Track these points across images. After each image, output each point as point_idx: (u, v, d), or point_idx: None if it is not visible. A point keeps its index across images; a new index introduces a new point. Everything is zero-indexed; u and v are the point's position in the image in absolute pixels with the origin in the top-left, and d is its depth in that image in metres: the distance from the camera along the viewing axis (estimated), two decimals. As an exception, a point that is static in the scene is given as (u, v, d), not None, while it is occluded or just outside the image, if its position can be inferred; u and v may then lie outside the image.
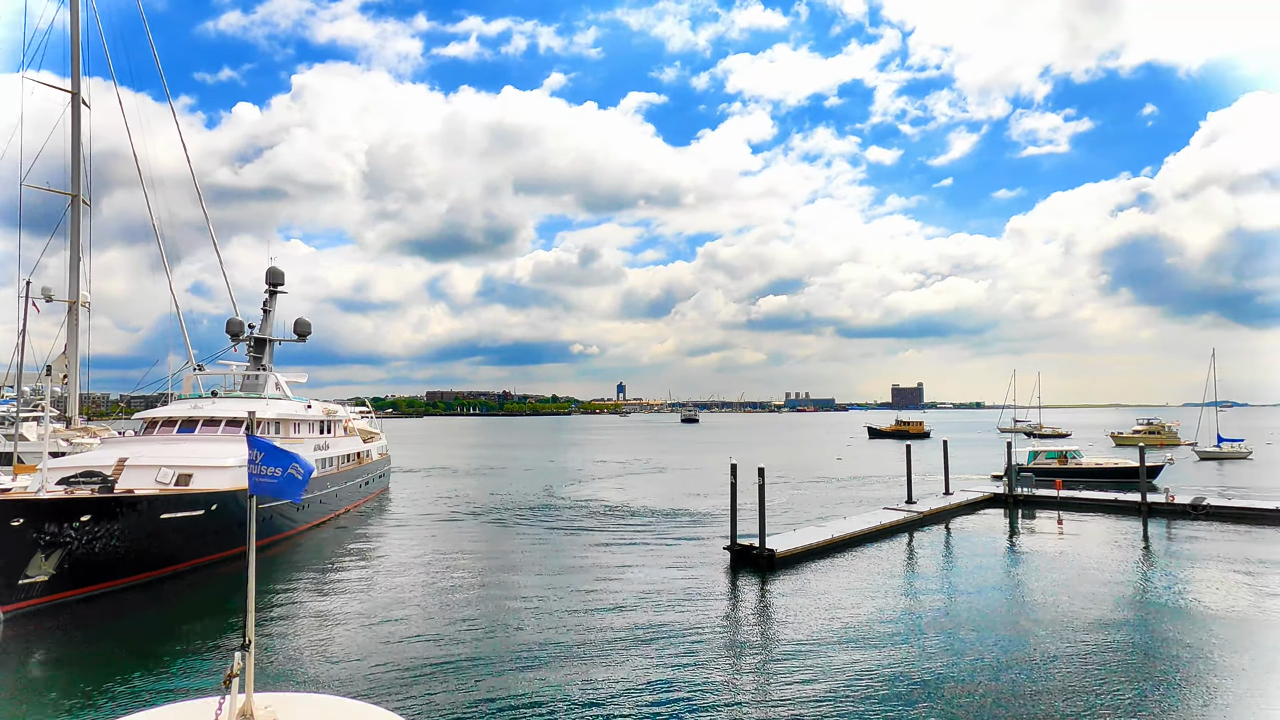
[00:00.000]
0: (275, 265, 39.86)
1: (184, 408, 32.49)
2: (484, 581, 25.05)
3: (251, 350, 38.30)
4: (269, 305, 39.40)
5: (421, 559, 28.95)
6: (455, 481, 59.14)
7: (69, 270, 59.65)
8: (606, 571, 26.17)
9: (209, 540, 25.87)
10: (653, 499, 46.39)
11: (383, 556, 29.78)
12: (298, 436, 34.71)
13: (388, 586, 24.52)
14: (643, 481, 58.71)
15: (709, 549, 29.75)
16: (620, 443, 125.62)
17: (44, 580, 20.66)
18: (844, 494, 48.61)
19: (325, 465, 38.02)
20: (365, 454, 46.49)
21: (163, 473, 26.14)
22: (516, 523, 37.38)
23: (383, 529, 36.42)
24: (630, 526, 35.77)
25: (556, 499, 46.76)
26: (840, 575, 25.45)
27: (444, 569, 27.07)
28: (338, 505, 38.85)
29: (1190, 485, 49.94)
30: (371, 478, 47.12)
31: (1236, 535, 32.57)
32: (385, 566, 27.84)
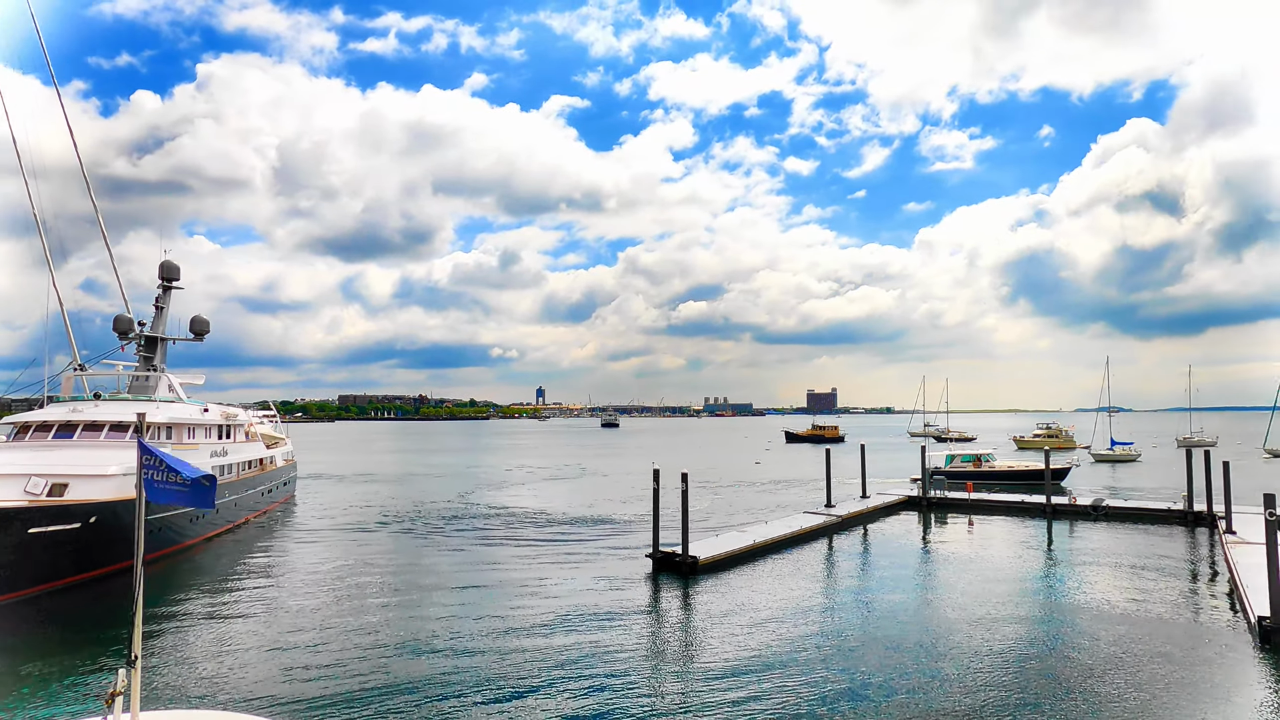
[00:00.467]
0: (170, 259, 37.24)
1: (61, 411, 29.80)
2: (392, 595, 23.75)
3: (142, 350, 35.59)
4: (162, 302, 36.74)
5: (325, 572, 27.33)
6: (366, 489, 56.83)
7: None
8: (524, 583, 25.21)
9: (87, 556, 23.68)
10: (573, 505, 45.50)
11: (283, 569, 28.02)
12: (192, 442, 32.40)
13: (288, 601, 22.99)
14: (563, 487, 57.72)
15: (631, 557, 29.11)
16: (540, 448, 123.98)
17: (-114, 605, 18.35)
18: (765, 498, 48.80)
19: (224, 473, 35.71)
20: (268, 460, 44.03)
21: (33, 482, 23.80)
22: (429, 532, 35.92)
23: (285, 540, 34.39)
24: (550, 535, 34.83)
25: (472, 507, 45.35)
26: (762, 582, 25.19)
27: (349, 582, 25.59)
28: (237, 515, 36.53)
29: (1089, 487, 52.20)
30: (275, 485, 44.66)
31: (1131, 534, 33.95)
32: (286, 580, 26.18)
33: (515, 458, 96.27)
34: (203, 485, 7.87)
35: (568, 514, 41.36)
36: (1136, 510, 38.80)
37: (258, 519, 39.39)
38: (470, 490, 54.75)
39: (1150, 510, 38.37)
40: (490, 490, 55.07)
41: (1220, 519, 33.58)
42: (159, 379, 35.06)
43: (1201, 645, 18.32)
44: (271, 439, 47.36)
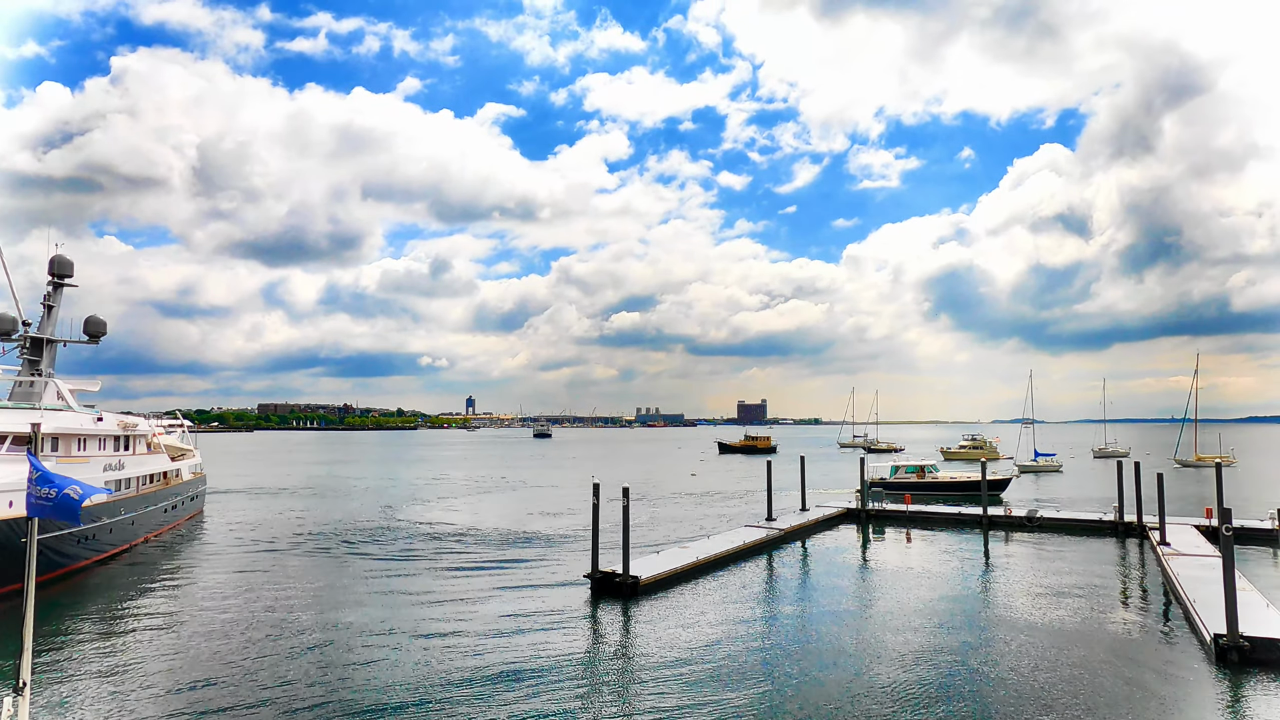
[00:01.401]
0: (62, 254, 33.95)
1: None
2: (307, 620, 21.68)
3: (26, 352, 32.20)
4: (52, 300, 33.39)
5: (234, 594, 25.08)
6: (282, 503, 53.49)
7: None
8: (454, 607, 23.33)
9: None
10: (505, 521, 43.51)
11: (186, 591, 25.71)
12: (82, 455, 29.34)
13: (189, 626, 21.06)
14: (494, 501, 55.52)
15: (568, 577, 27.47)
16: (469, 459, 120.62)
17: None
18: (702, 510, 47.74)
19: (122, 487, 32.63)
20: (173, 474, 40.75)
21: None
22: (350, 551, 33.51)
23: (191, 559, 31.56)
24: (480, 555, 32.86)
25: (397, 523, 42.88)
26: (705, 602, 23.93)
27: (260, 606, 23.43)
28: (134, 535, 33.40)
29: (1020, 498, 52.84)
30: (181, 500, 41.35)
31: (1066, 546, 34.02)
32: (188, 603, 23.97)
33: (443, 469, 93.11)
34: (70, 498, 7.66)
35: (499, 531, 39.39)
36: (1070, 521, 39.11)
37: (159, 538, 36.22)
38: (393, 505, 52.05)
39: (1084, 521, 38.71)
40: (415, 505, 52.48)
41: (1152, 529, 33.94)
42: (46, 384, 31.76)
43: (1156, 663, 17.83)
44: (178, 451, 43.91)
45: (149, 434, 38.61)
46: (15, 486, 23.82)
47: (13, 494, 23.58)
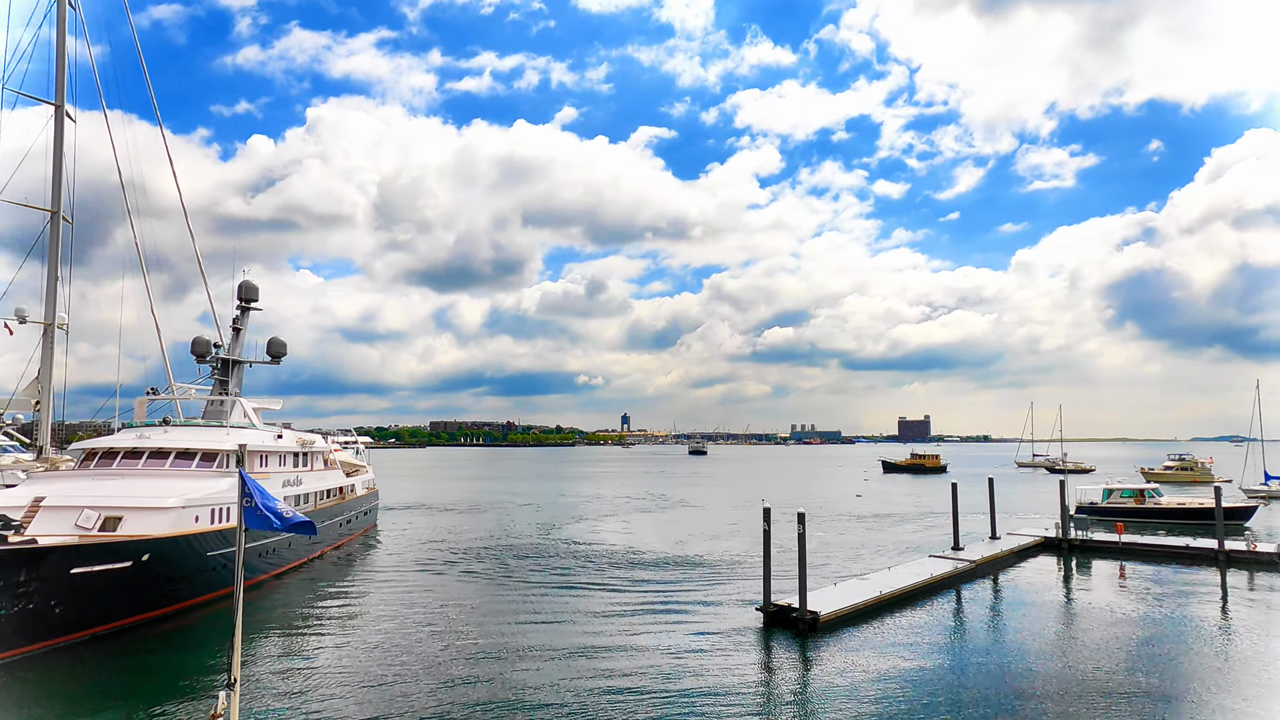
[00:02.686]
0: (248, 280, 35.99)
1: (128, 438, 28.30)
2: (472, 640, 21.17)
3: (217, 373, 34.20)
4: (240, 323, 35.41)
5: (403, 609, 25.22)
6: (450, 520, 54.58)
7: (45, 290, 56.18)
8: (615, 636, 21.74)
9: (136, 598, 21.55)
10: (665, 542, 41.86)
11: (359, 606, 25.99)
12: (263, 470, 30.48)
13: (364, 638, 21.59)
14: (652, 521, 54.10)
15: (737, 608, 25.28)
16: (627, 476, 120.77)
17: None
18: (876, 537, 44.03)
19: (300, 502, 33.79)
20: (348, 489, 42.21)
21: (85, 515, 21.90)
22: (509, 571, 32.91)
23: (363, 574, 32.07)
24: (641, 577, 31.27)
25: (556, 542, 42.22)
26: (891, 644, 21.03)
27: (428, 622, 23.37)
28: (312, 549, 34.50)
29: (1263, 527, 45.26)
30: (354, 515, 42.77)
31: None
32: (362, 617, 24.29)
33: (602, 487, 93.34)
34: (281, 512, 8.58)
35: (658, 554, 37.73)
36: (1337, 560, 32.52)
37: (335, 551, 37.35)
38: (553, 523, 51.74)
39: (1355, 561, 32.06)
40: (574, 524, 51.95)
41: None
42: (233, 403, 33.51)
43: None
44: (352, 467, 45.67)
45: (325, 451, 40.15)
46: (202, 501, 24.71)
47: (198, 509, 24.44)
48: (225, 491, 26.25)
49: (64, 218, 55.69)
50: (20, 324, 52.86)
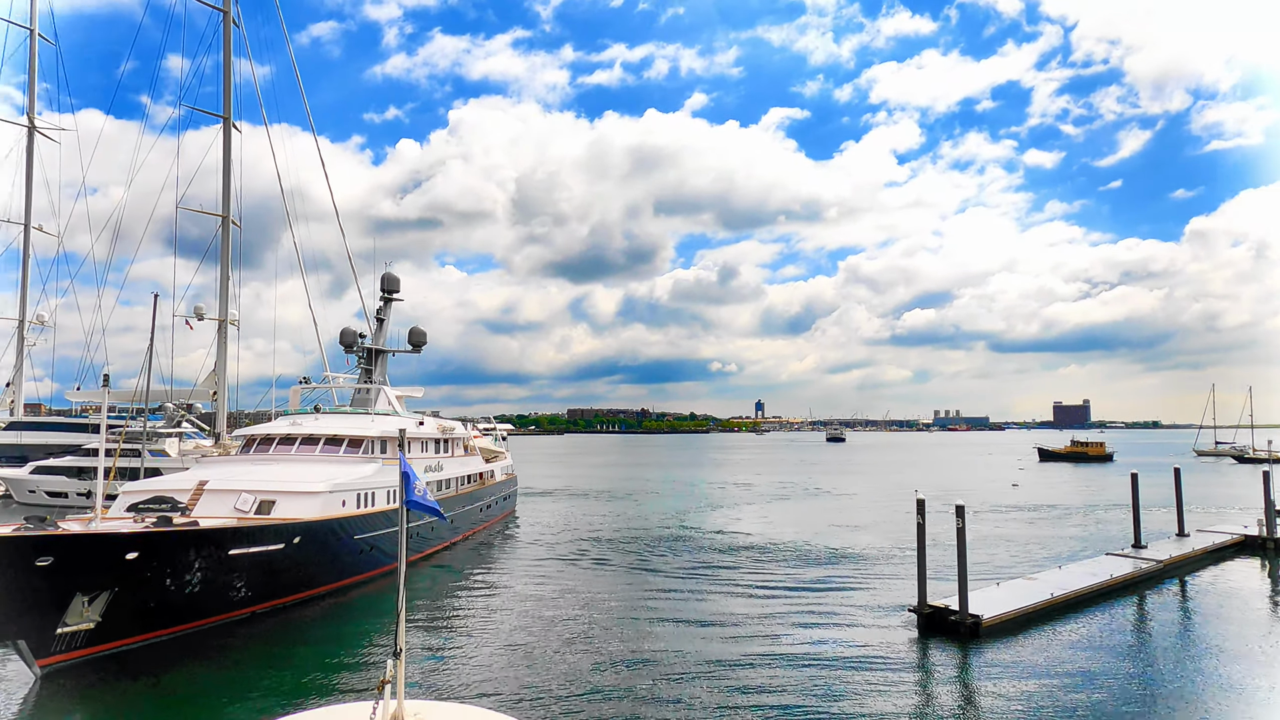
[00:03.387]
0: (390, 272, 37.13)
1: (282, 425, 29.73)
2: (607, 630, 20.85)
3: (363, 362, 35.51)
4: (383, 314, 36.60)
5: (540, 595, 25.39)
6: (587, 506, 54.90)
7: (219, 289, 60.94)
8: (754, 636, 20.51)
9: (287, 580, 22.36)
10: (804, 533, 40.10)
11: (499, 589, 26.45)
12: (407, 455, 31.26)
13: (505, 619, 22.30)
14: (790, 510, 52.27)
15: (887, 608, 23.45)
16: (762, 463, 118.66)
17: (88, 629, 17.47)
18: (1038, 531, 40.43)
19: (440, 488, 34.55)
20: (487, 475, 43.04)
21: (242, 499, 22.95)
22: (647, 561, 32.26)
23: (502, 559, 32.46)
24: (780, 571, 29.83)
25: (694, 532, 41.30)
26: (1068, 654, 18.68)
27: (564, 610, 23.22)
28: (454, 532, 35.25)
29: None
30: (494, 501, 43.60)
31: None
32: (502, 599, 24.82)
33: (735, 474, 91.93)
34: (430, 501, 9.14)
35: (798, 545, 36.06)
36: None
37: (475, 535, 38.10)
38: (689, 512, 50.91)
39: None
40: (710, 512, 50.93)
41: None
42: (378, 391, 34.67)
43: None
44: (491, 453, 46.64)
45: (465, 438, 41.05)
46: (348, 486, 25.45)
47: (344, 494, 25.18)
48: (370, 477, 27.00)
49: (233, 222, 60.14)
50: (199, 321, 57.36)
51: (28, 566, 15.77)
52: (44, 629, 16.67)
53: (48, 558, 15.96)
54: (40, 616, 16.51)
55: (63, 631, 17.00)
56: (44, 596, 16.35)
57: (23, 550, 15.69)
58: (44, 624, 16.64)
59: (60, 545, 16.14)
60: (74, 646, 17.33)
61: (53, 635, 16.84)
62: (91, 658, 17.75)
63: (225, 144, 60.85)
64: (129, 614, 18.20)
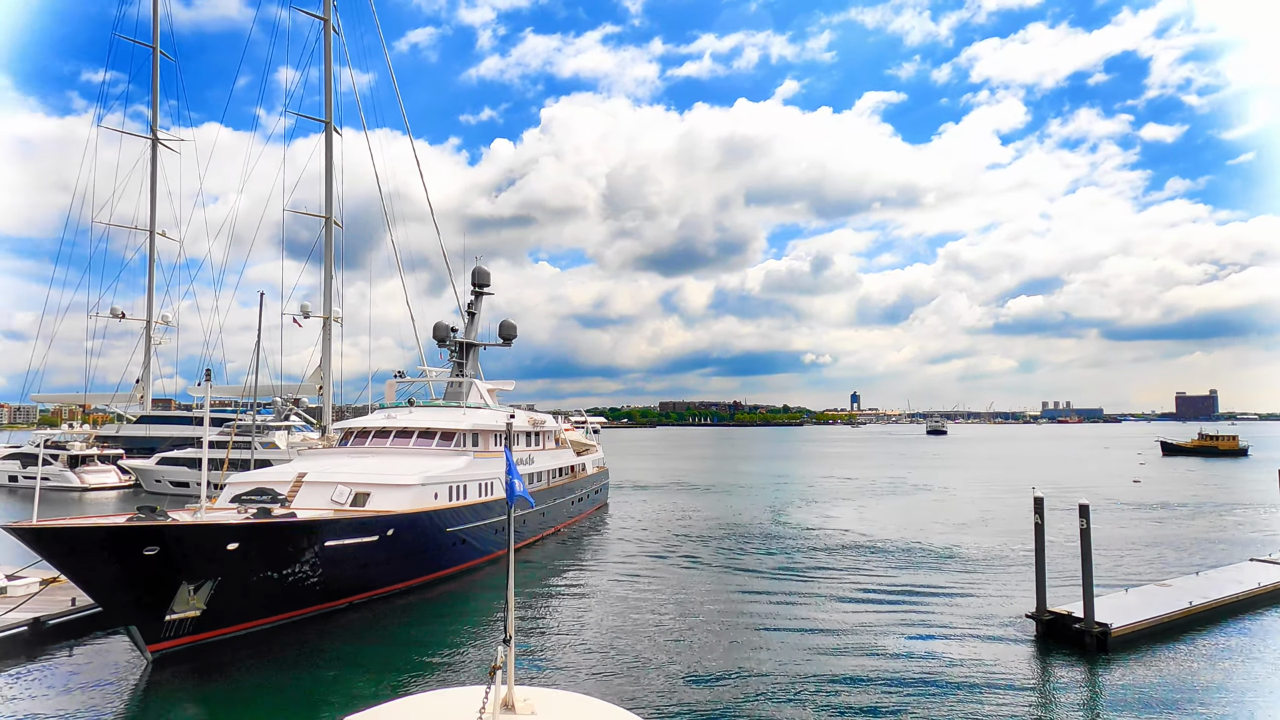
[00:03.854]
0: (480, 265, 37.43)
1: (378, 418, 30.31)
2: (699, 626, 20.52)
3: (455, 356, 35.91)
4: (474, 308, 36.94)
5: (638, 590, 25.24)
6: (680, 500, 54.27)
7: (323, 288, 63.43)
8: (853, 643, 19.38)
9: (381, 571, 22.61)
10: (905, 531, 38.30)
11: (595, 583, 26.37)
12: (497, 449, 31.36)
13: (602, 615, 22.34)
14: (889, 506, 50.22)
15: (1000, 615, 21.83)
16: (859, 456, 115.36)
17: (194, 616, 18.00)
18: (1166, 532, 37.33)
19: (532, 480, 34.60)
20: (579, 468, 42.98)
21: (338, 491, 23.35)
22: (739, 558, 31.36)
23: (593, 552, 32.33)
24: (879, 572, 28.40)
25: (788, 528, 40.08)
26: (1212, 670, 16.82)
27: (655, 606, 23.08)
28: (546, 525, 35.27)
29: None
30: (586, 494, 43.52)
31: None
32: (599, 594, 24.77)
33: (831, 467, 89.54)
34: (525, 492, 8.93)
35: (898, 544, 34.38)
36: None
37: (568, 528, 38.05)
38: (783, 506, 49.59)
39: None
40: (805, 507, 49.47)
41: None
42: (470, 384, 34.99)
43: None
44: (582, 446, 46.61)
45: (556, 431, 41.08)
46: (439, 479, 25.62)
47: (436, 486, 25.35)
48: (462, 470, 27.14)
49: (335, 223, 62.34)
50: (305, 319, 59.72)
51: (136, 556, 16.29)
52: (153, 616, 17.24)
53: (154, 547, 16.45)
54: (149, 604, 17.07)
55: (171, 618, 17.55)
56: (152, 584, 16.89)
57: (131, 540, 16.22)
58: (153, 611, 17.20)
59: (165, 535, 16.63)
60: (182, 633, 17.89)
61: (161, 622, 17.39)
62: (200, 644, 18.30)
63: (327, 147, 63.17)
64: (232, 602, 18.68)
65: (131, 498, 58.25)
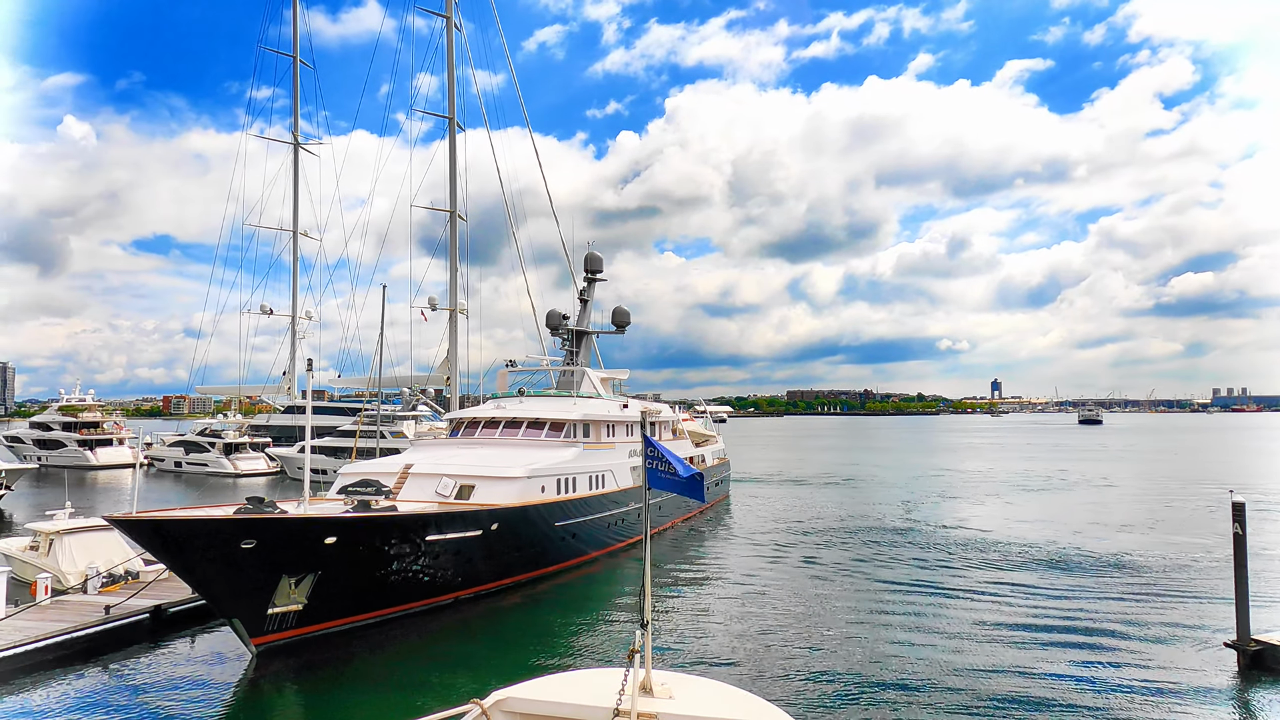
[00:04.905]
0: (593, 251, 36.40)
1: (487, 409, 29.78)
2: (835, 628, 19.64)
3: (568, 344, 35.03)
4: (585, 295, 35.94)
5: (760, 586, 24.21)
6: (806, 493, 51.61)
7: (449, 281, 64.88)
8: (1006, 669, 16.74)
9: (485, 566, 21.81)
10: (1060, 533, 34.33)
11: (715, 577, 25.55)
12: (609, 441, 30.18)
13: (724, 610, 21.55)
14: (1040, 504, 45.63)
15: (1186, 641, 18.46)
16: (1002, 448, 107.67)
17: (297, 610, 17.69)
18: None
19: (647, 473, 33.22)
20: (697, 459, 41.36)
21: (443, 483, 22.78)
22: (869, 560, 28.80)
23: (716, 546, 31.19)
24: (1033, 583, 25.11)
25: (924, 527, 36.84)
26: None
27: (786, 601, 22.29)
28: (665, 518, 33.86)
29: None
30: (706, 486, 41.81)
31: None
32: (719, 589, 24.02)
33: (970, 459, 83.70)
34: (695, 480, 8.42)
35: (1052, 549, 30.67)
36: None
37: (685, 523, 36.53)
38: (918, 502, 46.00)
39: None
40: (943, 503, 45.73)
41: None
42: (581, 374, 34.02)
43: None
44: (701, 437, 44.97)
45: (674, 421, 39.64)
46: (547, 471, 24.65)
47: (543, 479, 24.39)
48: (570, 461, 26.10)
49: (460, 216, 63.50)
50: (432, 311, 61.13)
51: (234, 549, 16.02)
52: (256, 609, 17.01)
53: (251, 541, 16.13)
54: (251, 597, 16.84)
55: (273, 612, 17.28)
56: (252, 578, 16.62)
57: (229, 534, 15.95)
58: (255, 604, 16.97)
59: (262, 529, 16.29)
60: (285, 627, 17.61)
61: (264, 615, 17.14)
62: (304, 638, 18.01)
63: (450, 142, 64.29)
64: (334, 597, 18.29)
65: (277, 483, 61.67)
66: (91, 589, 20.92)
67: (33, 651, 16.73)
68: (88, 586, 20.98)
